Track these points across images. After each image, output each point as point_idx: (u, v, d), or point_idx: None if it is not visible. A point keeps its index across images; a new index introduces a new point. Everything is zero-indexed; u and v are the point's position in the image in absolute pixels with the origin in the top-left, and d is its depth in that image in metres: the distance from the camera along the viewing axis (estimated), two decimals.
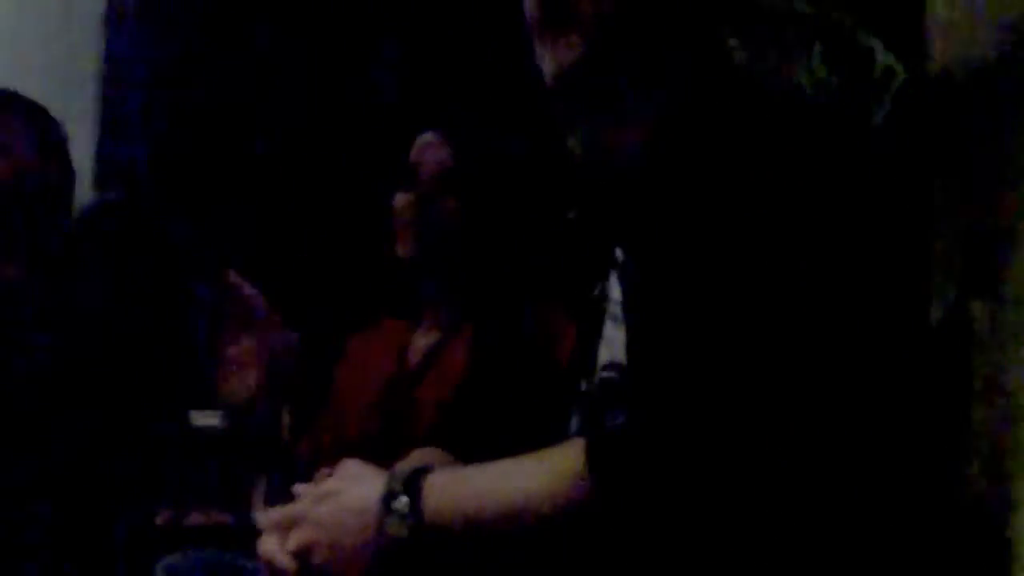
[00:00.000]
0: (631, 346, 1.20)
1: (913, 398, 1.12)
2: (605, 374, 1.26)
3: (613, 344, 1.25)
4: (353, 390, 2.04)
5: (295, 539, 1.18)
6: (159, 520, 2.06)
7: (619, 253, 1.26)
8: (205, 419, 2.35)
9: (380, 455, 1.85)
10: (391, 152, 2.05)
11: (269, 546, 1.21)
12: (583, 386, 1.28)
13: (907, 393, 1.11)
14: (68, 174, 2.33)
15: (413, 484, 1.14)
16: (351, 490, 1.18)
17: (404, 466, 1.36)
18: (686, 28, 1.27)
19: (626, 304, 1.23)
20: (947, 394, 1.25)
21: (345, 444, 1.98)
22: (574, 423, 1.30)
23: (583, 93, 1.26)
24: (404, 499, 1.13)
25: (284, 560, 1.19)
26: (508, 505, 1.10)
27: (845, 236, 1.10)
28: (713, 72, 1.26)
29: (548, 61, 1.25)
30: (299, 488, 1.25)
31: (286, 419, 2.36)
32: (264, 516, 1.25)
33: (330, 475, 1.25)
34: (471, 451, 1.48)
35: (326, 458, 1.98)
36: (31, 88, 2.36)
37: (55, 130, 2.33)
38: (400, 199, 1.95)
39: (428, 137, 1.99)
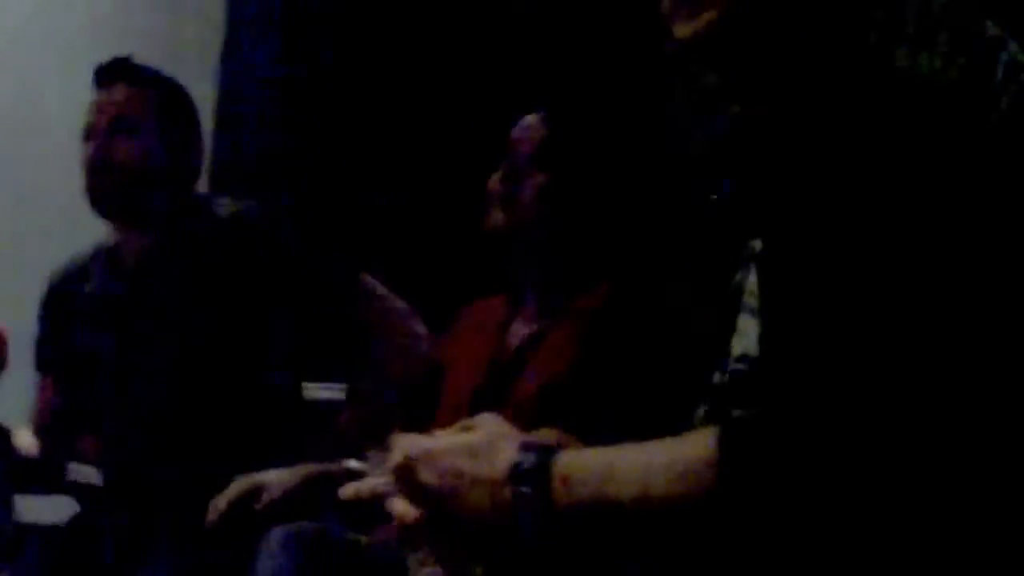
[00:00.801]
0: (765, 338, 1.18)
1: None
2: (736, 366, 1.24)
3: (747, 336, 1.24)
4: (456, 369, 2.06)
5: (427, 475, 1.15)
6: None
7: (757, 243, 1.25)
8: (320, 392, 2.39)
9: None
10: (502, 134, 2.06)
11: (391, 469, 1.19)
12: (715, 378, 1.27)
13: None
14: (197, 149, 2.35)
15: (542, 464, 1.12)
16: (487, 454, 1.15)
17: (534, 440, 1.36)
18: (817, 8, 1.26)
19: (763, 295, 1.21)
20: None
21: (444, 425, 1.99)
22: (700, 414, 1.29)
23: (716, 58, 1.26)
24: (530, 487, 1.11)
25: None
26: (638, 492, 1.08)
27: (983, 232, 1.07)
28: (844, 53, 1.24)
29: (681, 28, 1.24)
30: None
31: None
32: (401, 438, 1.21)
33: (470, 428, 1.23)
34: (582, 433, 1.48)
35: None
36: None
37: (186, 106, 2.34)
38: (494, 175, 1.97)
39: (529, 117, 2.00)
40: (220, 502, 1.95)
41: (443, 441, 1.19)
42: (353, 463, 2.07)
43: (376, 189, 3.27)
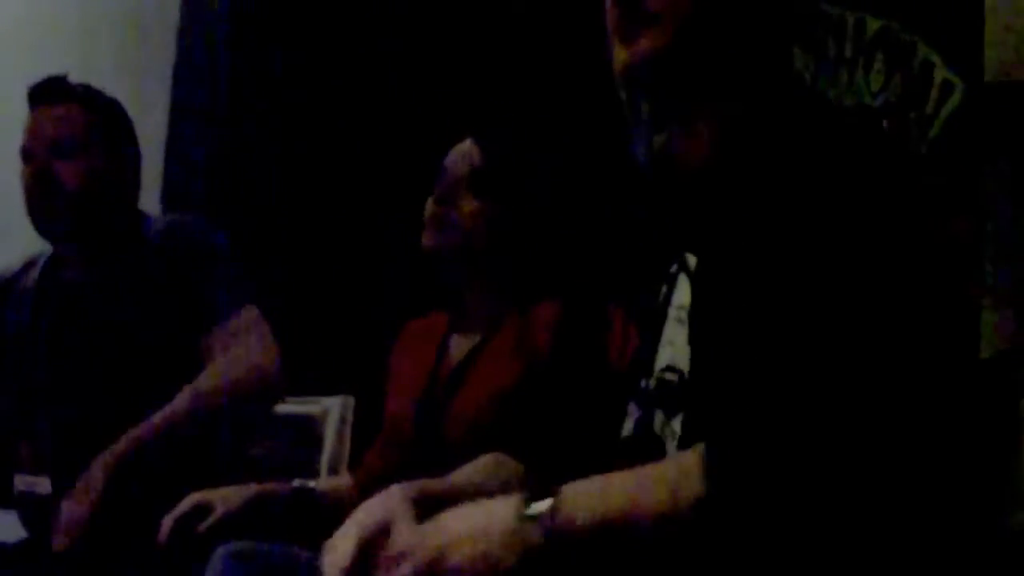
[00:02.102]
0: (698, 351, 1.22)
1: (960, 439, 1.13)
2: (665, 375, 1.27)
3: (674, 345, 1.27)
4: (399, 382, 2.10)
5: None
6: None
7: (691, 259, 1.28)
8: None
9: (419, 453, 1.92)
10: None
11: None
12: (644, 384, 1.30)
13: (955, 431, 1.13)
14: (135, 163, 2.34)
15: (553, 506, 1.13)
16: (481, 506, 1.17)
17: (466, 478, 1.40)
18: (760, 38, 1.29)
19: (695, 309, 1.25)
20: (996, 438, 1.27)
21: (389, 439, 2.05)
22: (631, 422, 1.32)
23: (652, 90, 1.30)
24: (544, 503, 1.12)
25: None
26: (632, 509, 1.10)
27: (905, 254, 1.12)
28: (783, 85, 1.29)
29: (619, 54, 1.28)
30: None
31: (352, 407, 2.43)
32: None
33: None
34: (524, 451, 1.51)
35: (377, 450, 2.05)
36: None
37: (122, 121, 2.31)
38: (429, 198, 2.03)
39: (462, 143, 2.06)
40: (168, 519, 1.96)
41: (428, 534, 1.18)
42: (301, 482, 2.10)
43: (319, 209, 3.30)
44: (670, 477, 1.10)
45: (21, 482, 2.19)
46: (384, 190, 3.08)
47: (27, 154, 2.23)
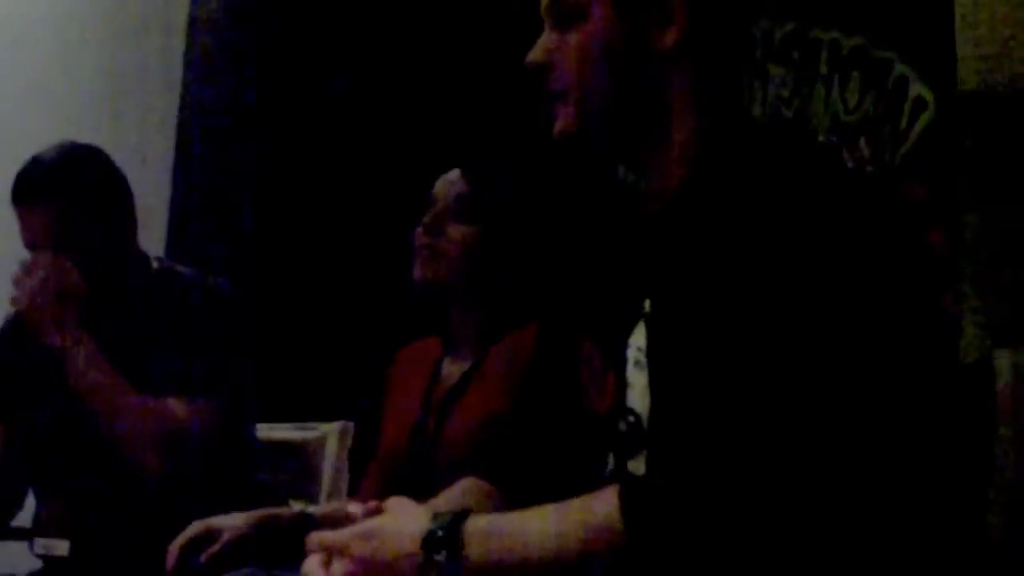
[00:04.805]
0: (655, 395, 1.25)
1: (937, 448, 1.14)
2: (628, 418, 1.31)
3: (634, 389, 1.30)
4: (394, 407, 2.13)
5: (338, 570, 1.22)
6: None
7: (648, 304, 1.30)
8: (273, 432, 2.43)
9: (413, 479, 1.94)
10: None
11: (312, 567, 1.25)
12: (622, 427, 1.33)
13: (931, 443, 1.14)
14: (130, 210, 2.31)
15: (453, 530, 1.17)
16: (395, 532, 1.21)
17: (446, 503, 1.42)
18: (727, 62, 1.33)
19: (650, 353, 1.27)
20: (972, 444, 1.29)
21: (385, 464, 2.08)
22: (610, 462, 1.35)
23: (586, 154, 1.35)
24: (444, 552, 1.16)
25: None
26: (545, 557, 1.13)
27: (868, 298, 1.13)
28: (736, 123, 1.31)
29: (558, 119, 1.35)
30: (353, 510, 1.31)
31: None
32: (314, 537, 1.28)
33: (377, 508, 1.28)
34: (504, 478, 1.54)
35: (373, 476, 2.08)
36: None
37: (107, 179, 2.29)
38: (418, 228, 2.06)
39: (450, 173, 2.09)
40: (174, 547, 1.99)
41: (346, 532, 1.24)
42: (303, 506, 2.12)
43: (316, 237, 3.34)
44: (585, 518, 1.12)
45: (40, 546, 2.22)
46: (379, 217, 3.11)
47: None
